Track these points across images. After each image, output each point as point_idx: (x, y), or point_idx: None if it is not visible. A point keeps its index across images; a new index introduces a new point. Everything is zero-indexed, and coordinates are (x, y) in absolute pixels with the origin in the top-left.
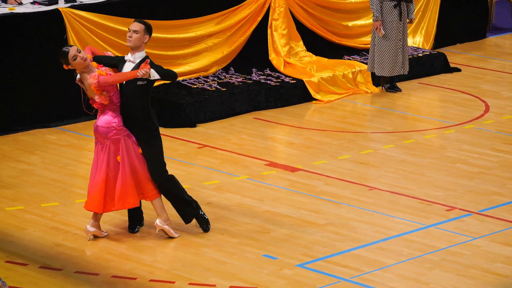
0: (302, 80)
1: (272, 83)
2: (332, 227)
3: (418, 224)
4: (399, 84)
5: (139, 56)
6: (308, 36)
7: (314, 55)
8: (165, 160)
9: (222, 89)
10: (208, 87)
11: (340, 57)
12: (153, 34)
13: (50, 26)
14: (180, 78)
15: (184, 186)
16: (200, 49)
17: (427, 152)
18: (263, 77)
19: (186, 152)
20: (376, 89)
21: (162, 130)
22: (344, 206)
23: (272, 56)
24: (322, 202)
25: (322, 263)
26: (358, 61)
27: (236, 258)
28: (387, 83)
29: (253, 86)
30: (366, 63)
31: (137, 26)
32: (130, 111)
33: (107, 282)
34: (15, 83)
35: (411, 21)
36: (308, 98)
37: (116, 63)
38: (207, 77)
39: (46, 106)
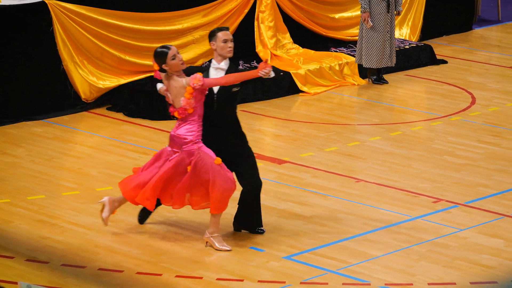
0: (289, 72)
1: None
2: (319, 219)
3: (405, 216)
4: (385, 76)
5: (226, 63)
6: (295, 28)
7: (301, 47)
8: (149, 151)
9: None
10: None
11: (327, 49)
12: (140, 26)
13: (36, 18)
14: None
15: None
16: (187, 41)
17: (414, 144)
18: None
19: None
20: (363, 81)
21: (149, 123)
22: (331, 198)
23: (259, 48)
24: (309, 194)
25: (309, 255)
26: (345, 53)
27: (223, 251)
28: (374, 75)
29: None
30: (352, 55)
31: (230, 34)
32: (222, 119)
33: (94, 275)
34: (0, 76)
35: (398, 13)
36: (295, 90)
37: (196, 72)
38: None
39: (32, 99)
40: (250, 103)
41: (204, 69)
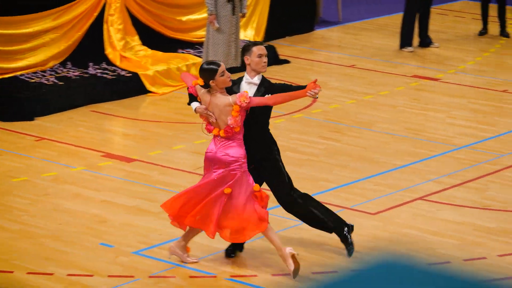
0: (138, 74)
1: (109, 77)
2: (167, 215)
3: None
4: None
5: (259, 77)
6: (143, 30)
7: (149, 49)
8: (3, 153)
9: (60, 83)
10: (45, 81)
11: (174, 50)
12: None
13: None
14: (18, 73)
15: (21, 179)
16: (37, 44)
17: None
18: (99, 70)
19: (24, 145)
20: None
21: None
22: None
23: (108, 51)
24: (157, 191)
25: (158, 249)
26: (192, 54)
27: (74, 247)
28: None
29: (90, 80)
30: (199, 56)
31: (265, 49)
32: (257, 136)
33: None
34: None
35: (243, 15)
36: (143, 90)
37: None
38: (44, 71)
39: None
40: (100, 104)
41: (235, 83)
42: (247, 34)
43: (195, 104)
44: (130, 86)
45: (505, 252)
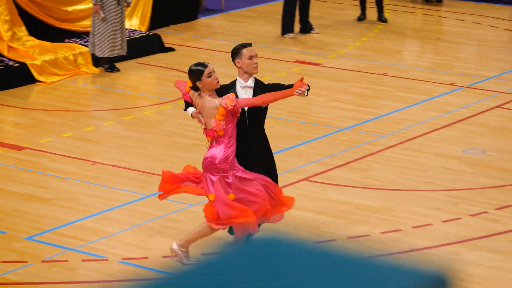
0: (26, 64)
1: None
2: (59, 201)
3: (139, 195)
4: (117, 65)
5: (253, 80)
6: (30, 21)
7: (36, 39)
8: None
9: None
10: None
11: (61, 40)
12: None
13: None
14: None
15: None
16: None
17: (146, 127)
18: None
19: None
20: (96, 70)
21: None
22: (70, 181)
23: None
24: (48, 178)
25: (50, 235)
26: (79, 44)
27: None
28: (107, 64)
29: None
30: (86, 46)
31: (254, 50)
32: (254, 136)
33: None
34: None
35: (128, 5)
36: (32, 80)
37: (224, 92)
38: None
39: None
40: None
41: (230, 87)
42: (132, 23)
43: (190, 109)
44: (19, 76)
45: (388, 229)
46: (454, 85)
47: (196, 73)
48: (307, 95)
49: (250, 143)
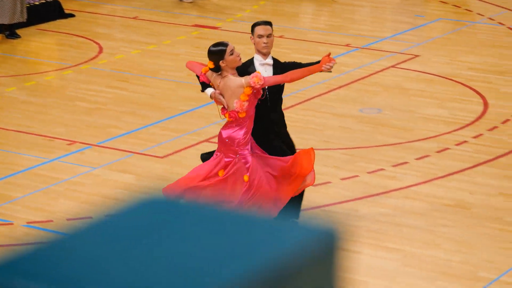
0: None
1: None
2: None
3: (43, 159)
4: (18, 31)
5: (271, 58)
6: None
7: None
8: None
9: None
10: None
11: None
12: None
13: None
14: None
15: None
16: None
17: (48, 92)
18: None
19: None
20: None
21: None
22: None
23: None
24: None
25: None
26: None
27: None
28: (7, 31)
29: None
30: None
31: (269, 29)
32: (274, 114)
33: None
34: None
35: None
36: None
37: (243, 69)
38: None
39: None
40: None
41: (249, 65)
42: None
43: (209, 90)
44: None
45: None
46: (350, 46)
47: (219, 53)
48: (331, 72)
49: (270, 119)
